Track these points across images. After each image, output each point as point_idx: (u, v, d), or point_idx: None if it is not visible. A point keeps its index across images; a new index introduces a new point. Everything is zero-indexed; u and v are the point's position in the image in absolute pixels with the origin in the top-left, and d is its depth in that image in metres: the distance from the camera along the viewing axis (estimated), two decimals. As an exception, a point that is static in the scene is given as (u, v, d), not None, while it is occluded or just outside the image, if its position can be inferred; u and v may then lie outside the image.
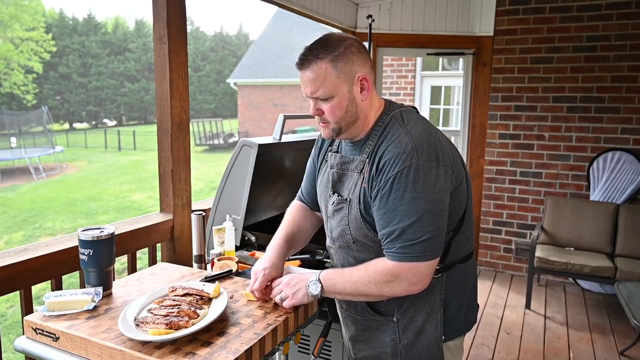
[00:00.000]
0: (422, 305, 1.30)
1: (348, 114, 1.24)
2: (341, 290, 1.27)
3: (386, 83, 6.20)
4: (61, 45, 27.12)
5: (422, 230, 1.16)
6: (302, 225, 1.54)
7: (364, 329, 1.39)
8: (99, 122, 29.74)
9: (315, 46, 1.21)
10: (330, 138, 1.32)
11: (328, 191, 1.38)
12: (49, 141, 17.68)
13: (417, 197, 1.15)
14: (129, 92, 29.43)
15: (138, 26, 32.54)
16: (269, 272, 1.37)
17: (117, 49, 30.00)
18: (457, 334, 1.35)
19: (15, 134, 18.72)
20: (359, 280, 1.23)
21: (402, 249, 1.17)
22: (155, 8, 2.07)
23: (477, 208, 4.57)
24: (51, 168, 15.52)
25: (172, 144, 2.14)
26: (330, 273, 1.29)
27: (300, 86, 1.27)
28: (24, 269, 1.60)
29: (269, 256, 1.41)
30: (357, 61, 1.22)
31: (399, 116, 1.27)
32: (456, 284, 1.33)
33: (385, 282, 1.20)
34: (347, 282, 1.25)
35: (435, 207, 1.17)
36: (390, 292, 1.21)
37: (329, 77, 1.20)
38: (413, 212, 1.15)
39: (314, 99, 1.24)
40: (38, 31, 24.28)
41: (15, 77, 23.49)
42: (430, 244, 1.17)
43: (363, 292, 1.24)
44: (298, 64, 1.23)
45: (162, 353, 1.11)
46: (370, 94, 1.26)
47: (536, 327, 3.49)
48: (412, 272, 1.18)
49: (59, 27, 28.10)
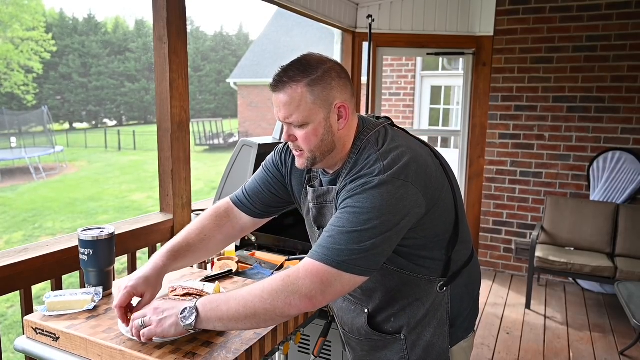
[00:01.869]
0: (430, 321, 1.25)
1: (324, 143, 1.15)
2: (225, 311, 1.06)
3: (386, 83, 6.20)
4: (61, 45, 27.13)
5: (359, 240, 1.03)
6: (210, 236, 1.34)
7: (370, 349, 1.32)
8: (99, 122, 29.75)
9: (291, 67, 1.12)
10: (305, 168, 1.22)
11: (313, 228, 1.32)
12: (49, 141, 17.68)
13: (368, 209, 1.04)
14: (129, 92, 29.44)
15: (138, 26, 32.55)
16: (135, 286, 1.16)
17: (117, 49, 30.02)
18: (467, 332, 1.33)
19: (16, 134, 18.73)
20: (249, 292, 1.06)
21: (324, 249, 1.04)
22: (155, 8, 2.07)
23: (477, 208, 4.58)
24: (51, 168, 15.52)
25: (172, 144, 2.14)
26: (213, 297, 1.12)
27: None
28: (24, 269, 1.60)
29: (143, 268, 1.22)
30: (336, 87, 1.13)
31: (374, 140, 1.18)
32: (462, 292, 1.28)
33: (281, 288, 1.03)
34: (232, 299, 1.07)
35: (382, 226, 1.04)
36: (284, 305, 1.03)
37: (304, 102, 1.11)
38: (359, 223, 1.04)
39: (287, 124, 1.16)
40: (38, 31, 24.29)
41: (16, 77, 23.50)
42: (358, 256, 1.03)
43: (252, 308, 1.04)
44: (272, 86, 1.13)
45: (162, 353, 1.10)
46: (348, 122, 1.17)
47: (536, 327, 3.49)
48: (320, 277, 1.02)
49: (59, 27, 28.11)
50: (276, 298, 1.03)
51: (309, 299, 1.02)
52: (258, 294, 1.04)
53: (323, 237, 1.08)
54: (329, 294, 1.04)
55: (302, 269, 1.04)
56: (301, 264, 1.06)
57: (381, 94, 4.65)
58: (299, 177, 1.35)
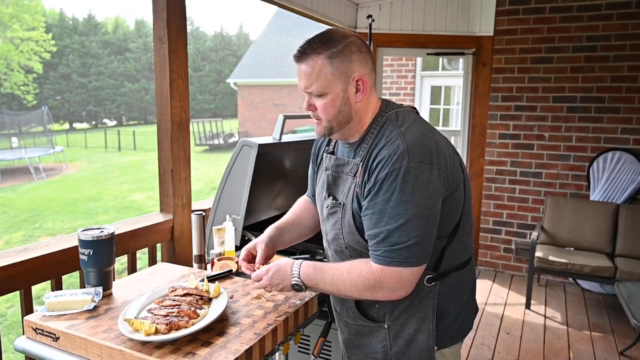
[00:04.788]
0: (413, 313, 1.27)
1: (341, 113, 1.22)
2: (322, 289, 1.27)
3: (386, 83, 6.19)
4: (61, 45, 27.12)
5: (408, 234, 1.12)
6: (301, 216, 1.56)
7: (356, 333, 1.37)
8: (99, 122, 29.74)
9: (315, 40, 1.19)
10: (323, 136, 1.30)
11: (323, 193, 1.36)
12: (49, 141, 17.68)
13: (405, 200, 1.12)
14: (129, 92, 29.44)
15: (138, 26, 32.55)
16: (253, 247, 1.44)
17: (117, 49, 30.01)
18: (453, 341, 1.32)
19: (16, 134, 18.73)
20: (340, 283, 1.22)
21: (387, 252, 1.14)
22: (155, 8, 2.07)
23: (477, 208, 4.58)
24: (51, 168, 15.52)
25: (172, 144, 2.14)
26: (310, 272, 1.26)
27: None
28: (24, 269, 1.60)
29: (260, 236, 1.48)
30: (356, 60, 1.18)
31: (394, 117, 1.23)
32: (450, 292, 1.30)
33: (366, 288, 1.18)
34: (328, 283, 1.24)
35: (423, 211, 1.13)
36: (371, 297, 1.20)
37: (323, 73, 1.17)
38: (400, 215, 1.12)
39: (308, 93, 1.22)
40: (38, 31, 24.27)
41: (16, 77, 23.50)
42: (416, 249, 1.14)
43: (344, 294, 1.24)
44: (296, 56, 1.20)
45: (162, 353, 1.11)
46: (366, 95, 1.22)
47: (536, 327, 3.49)
48: (395, 278, 1.15)
49: (59, 27, 28.10)
50: (362, 295, 1.20)
51: (392, 293, 1.18)
52: (347, 286, 1.21)
53: (377, 239, 1.16)
54: (407, 287, 1.18)
55: (377, 274, 1.16)
56: (375, 269, 1.17)
57: (381, 94, 4.65)
58: (322, 152, 1.44)
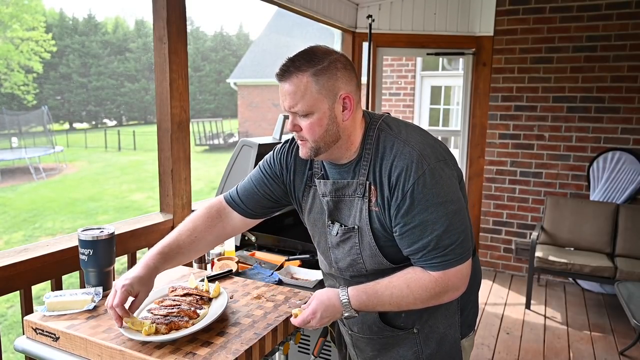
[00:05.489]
0: (441, 312, 1.26)
1: (328, 133, 1.16)
2: (378, 310, 1.21)
3: (386, 83, 6.20)
4: (61, 45, 27.10)
5: (457, 232, 1.13)
6: (200, 237, 1.34)
7: (382, 347, 1.32)
8: (99, 122, 29.72)
9: (298, 57, 1.13)
10: (308, 158, 1.21)
11: (324, 221, 1.29)
12: (49, 141, 17.67)
13: (441, 202, 1.11)
14: (129, 92, 29.42)
15: (138, 26, 32.53)
16: (131, 285, 1.19)
17: (117, 49, 29.99)
18: (469, 329, 1.34)
19: (16, 134, 18.71)
20: (401, 300, 1.16)
21: (442, 257, 1.13)
22: (155, 8, 2.07)
23: (477, 208, 4.58)
24: (51, 168, 15.51)
25: (172, 144, 2.14)
26: (364, 300, 1.17)
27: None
28: (24, 269, 1.60)
29: (135, 268, 1.24)
30: (342, 77, 1.14)
31: (385, 127, 1.20)
32: (471, 282, 1.27)
33: (432, 297, 1.16)
34: (387, 304, 1.18)
35: (459, 205, 1.15)
36: (435, 303, 1.18)
37: (309, 91, 1.11)
38: (443, 218, 1.11)
39: (292, 113, 1.16)
40: (38, 31, 24.26)
41: (16, 77, 23.48)
42: (465, 243, 1.15)
43: (405, 309, 1.20)
44: (278, 75, 1.14)
45: (162, 353, 1.11)
46: (353, 113, 1.17)
47: (536, 327, 3.49)
48: (457, 277, 1.16)
49: (59, 27, 28.08)
50: (427, 304, 1.18)
51: (456, 292, 1.18)
52: (411, 301, 1.17)
53: (428, 249, 1.13)
54: (466, 281, 1.19)
55: (441, 280, 1.15)
56: (437, 277, 1.15)
57: (381, 94, 4.64)
58: (301, 175, 1.34)
